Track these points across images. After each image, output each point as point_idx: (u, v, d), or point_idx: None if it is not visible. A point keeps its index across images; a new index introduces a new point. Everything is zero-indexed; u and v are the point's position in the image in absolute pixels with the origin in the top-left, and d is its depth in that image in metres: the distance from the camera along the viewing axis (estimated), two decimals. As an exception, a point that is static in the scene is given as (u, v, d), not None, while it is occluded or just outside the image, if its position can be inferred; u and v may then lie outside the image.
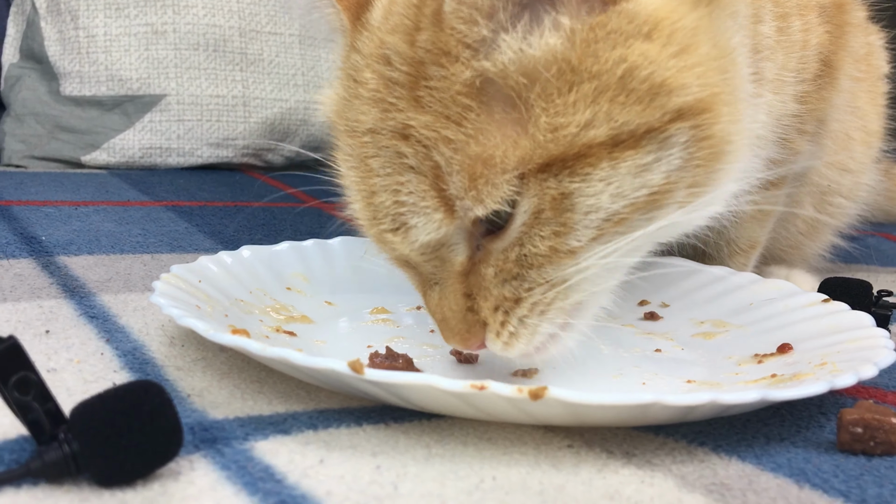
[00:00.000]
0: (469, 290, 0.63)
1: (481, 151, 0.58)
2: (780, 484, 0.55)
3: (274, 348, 0.59)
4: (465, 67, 0.58)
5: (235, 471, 0.52)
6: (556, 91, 0.57)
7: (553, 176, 0.58)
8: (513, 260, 0.61)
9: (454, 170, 0.58)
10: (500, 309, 0.62)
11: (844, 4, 0.90)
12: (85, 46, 1.73)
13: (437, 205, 0.59)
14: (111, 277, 0.91)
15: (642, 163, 0.58)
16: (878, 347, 0.67)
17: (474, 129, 0.58)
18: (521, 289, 0.61)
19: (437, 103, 0.58)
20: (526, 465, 0.55)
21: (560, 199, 0.58)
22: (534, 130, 0.57)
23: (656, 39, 0.58)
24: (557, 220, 0.59)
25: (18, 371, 0.48)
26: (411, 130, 0.59)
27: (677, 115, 0.58)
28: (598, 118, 0.57)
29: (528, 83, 0.57)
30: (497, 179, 0.57)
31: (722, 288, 0.86)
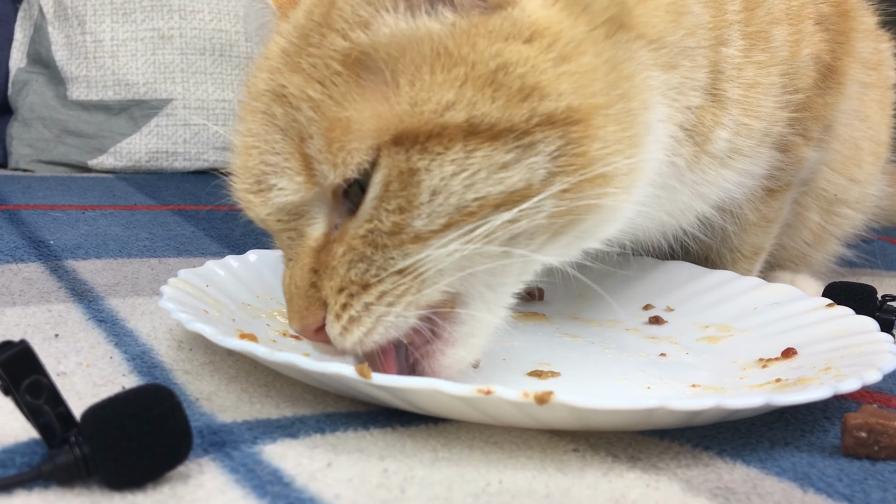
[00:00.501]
0: (317, 266, 0.62)
1: (341, 114, 0.59)
2: (785, 488, 0.55)
3: (281, 353, 0.59)
4: (341, 38, 0.60)
5: (244, 474, 0.52)
6: (426, 69, 0.59)
7: (405, 150, 0.58)
8: (360, 237, 0.60)
9: (314, 130, 0.59)
10: (345, 291, 0.60)
11: (849, 11, 0.91)
12: (92, 51, 1.74)
13: (300, 168, 0.60)
14: (119, 281, 0.92)
15: (499, 160, 0.58)
16: (883, 352, 0.67)
17: (339, 94, 0.59)
18: (369, 274, 0.60)
19: (311, 67, 0.61)
20: (532, 468, 0.56)
21: (408, 174, 0.58)
22: (395, 101, 0.59)
23: (535, 44, 0.59)
24: (403, 195, 0.58)
25: (30, 375, 0.49)
26: (285, 91, 0.61)
27: (546, 121, 0.59)
28: (459, 102, 0.58)
29: (398, 57, 0.59)
30: (352, 145, 0.58)
31: (727, 292, 0.87)
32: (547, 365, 0.72)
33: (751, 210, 0.91)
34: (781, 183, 0.91)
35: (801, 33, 0.84)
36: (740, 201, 0.88)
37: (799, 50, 0.83)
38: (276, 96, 0.62)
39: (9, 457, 0.52)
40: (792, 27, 0.83)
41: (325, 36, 0.61)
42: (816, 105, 0.89)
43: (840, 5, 0.89)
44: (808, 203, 1.04)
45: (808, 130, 0.89)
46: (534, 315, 0.88)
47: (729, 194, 0.84)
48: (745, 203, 0.90)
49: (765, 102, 0.80)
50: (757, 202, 0.91)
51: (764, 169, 0.86)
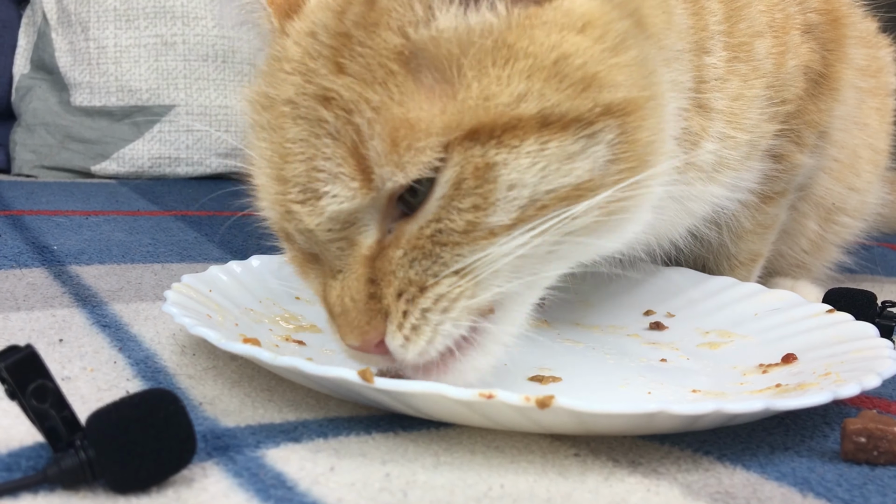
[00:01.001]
0: (374, 275, 0.60)
1: (405, 114, 0.57)
2: (784, 493, 0.55)
3: (284, 357, 0.60)
4: (396, 36, 0.59)
5: (247, 478, 0.53)
6: (492, 62, 0.58)
7: (480, 144, 0.57)
8: (427, 236, 0.59)
9: (375, 133, 0.57)
10: (404, 296, 0.59)
11: (840, 19, 0.90)
12: (95, 57, 1.74)
13: (355, 172, 0.58)
14: (122, 287, 0.92)
15: (570, 150, 0.59)
16: (882, 357, 0.67)
17: (399, 94, 0.57)
18: (429, 273, 0.59)
19: (362, 68, 0.58)
20: (533, 473, 0.56)
21: (484, 170, 0.57)
22: (464, 96, 0.58)
23: (589, 34, 0.60)
24: (479, 192, 0.57)
25: (36, 379, 0.49)
26: (332, 94, 0.59)
27: (606, 111, 0.59)
28: (531, 93, 0.58)
29: (461, 52, 0.58)
30: (421, 143, 0.57)
31: (727, 298, 0.87)
32: (548, 370, 0.73)
33: (746, 217, 0.91)
34: (776, 190, 0.92)
35: (785, 45, 0.84)
36: (733, 211, 0.88)
37: (784, 62, 0.84)
38: (321, 100, 0.59)
39: (14, 460, 0.52)
40: (776, 39, 0.83)
41: (373, 35, 0.59)
42: (809, 112, 0.89)
43: (830, 13, 0.89)
44: (806, 211, 1.04)
45: (801, 137, 0.90)
46: (535, 320, 0.88)
47: (718, 209, 0.85)
48: (740, 211, 0.90)
49: (749, 114, 0.81)
50: (752, 209, 0.91)
51: (755, 180, 0.87)
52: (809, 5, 0.87)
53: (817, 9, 0.88)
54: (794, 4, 0.85)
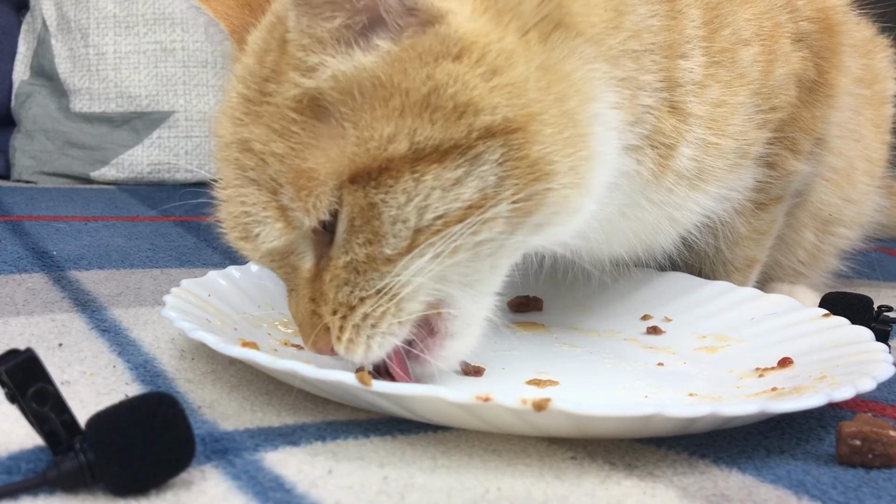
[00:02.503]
0: (314, 294, 0.65)
1: (303, 164, 0.61)
2: (780, 495, 0.56)
3: (283, 361, 0.60)
4: (293, 85, 0.62)
5: (246, 481, 0.53)
6: (366, 106, 0.61)
7: (361, 187, 0.61)
8: (341, 266, 0.63)
9: (284, 181, 0.62)
10: (338, 314, 0.64)
11: (835, 27, 0.90)
12: (95, 64, 1.75)
13: (277, 215, 0.63)
14: (122, 292, 0.93)
15: (452, 176, 0.61)
16: (877, 361, 0.68)
17: (298, 144, 0.62)
18: (354, 296, 0.63)
19: (270, 118, 0.63)
20: (530, 476, 0.56)
21: (368, 209, 0.61)
22: (344, 144, 0.61)
23: (465, 60, 0.61)
24: (368, 229, 0.62)
25: (36, 383, 0.50)
26: (251, 144, 0.63)
27: (486, 133, 0.60)
28: (400, 133, 0.60)
29: (342, 99, 0.61)
30: (317, 191, 0.61)
31: (724, 303, 0.87)
32: (545, 374, 0.73)
33: (742, 223, 0.92)
34: (772, 196, 0.92)
35: (774, 53, 0.83)
36: (726, 218, 0.89)
37: (772, 70, 0.83)
38: (243, 149, 0.64)
39: (14, 463, 0.52)
40: (764, 47, 0.82)
41: (279, 84, 0.63)
42: (804, 119, 0.89)
43: (824, 21, 0.88)
44: (804, 222, 1.04)
45: (796, 144, 0.90)
46: (533, 325, 0.88)
47: (708, 216, 0.85)
48: (735, 217, 0.90)
49: (734, 121, 0.81)
50: (747, 216, 0.91)
51: (748, 187, 0.87)
52: (802, 14, 0.87)
53: (810, 17, 0.87)
54: (783, 13, 0.85)
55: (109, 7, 1.76)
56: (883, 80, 1.12)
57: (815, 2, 0.88)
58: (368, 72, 0.61)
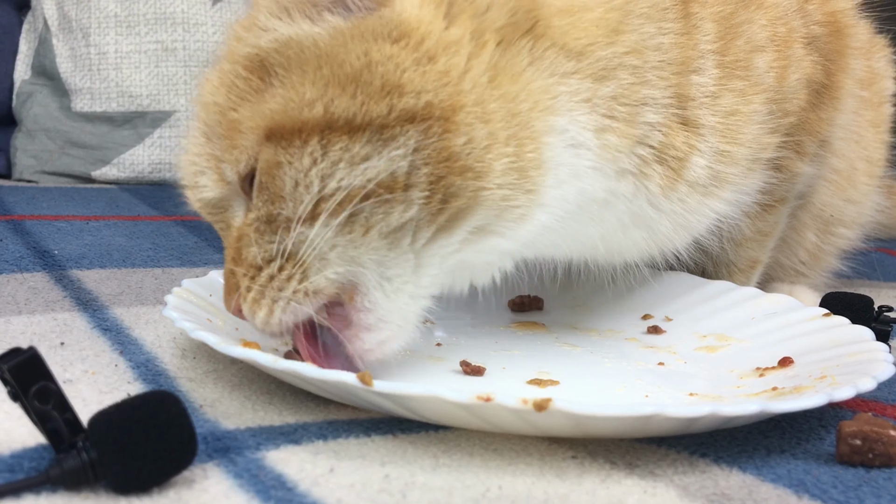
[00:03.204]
0: (234, 254, 0.67)
1: (233, 117, 0.65)
2: (780, 494, 0.56)
3: (284, 361, 0.60)
4: (252, 40, 0.66)
5: (248, 479, 0.53)
6: (298, 70, 0.63)
7: (273, 145, 0.63)
8: (248, 224, 0.65)
9: (218, 132, 0.66)
10: (247, 275, 0.65)
11: (843, 29, 0.90)
12: (96, 63, 1.75)
13: (213, 166, 0.67)
14: (123, 291, 0.93)
15: (359, 152, 0.61)
16: (878, 361, 0.68)
17: (236, 97, 0.66)
18: (259, 257, 0.65)
19: (223, 72, 0.68)
20: (531, 475, 0.57)
21: (275, 167, 0.63)
22: (269, 100, 0.64)
23: (402, 43, 0.62)
24: (272, 188, 0.63)
25: (38, 381, 0.50)
26: (205, 95, 0.68)
27: (405, 116, 0.61)
28: (319, 99, 0.62)
29: (281, 61, 0.64)
30: (240, 143, 0.64)
31: (725, 302, 0.88)
32: (546, 374, 0.73)
33: (746, 225, 0.92)
34: (777, 198, 0.92)
35: (788, 59, 0.83)
36: (735, 221, 0.89)
37: (786, 76, 0.84)
38: (202, 102, 0.68)
39: (17, 461, 0.53)
40: (778, 53, 0.83)
41: (243, 39, 0.67)
42: (811, 121, 0.89)
43: (833, 24, 0.89)
44: (806, 223, 1.04)
45: (802, 146, 0.90)
46: (533, 325, 0.89)
47: (721, 220, 0.85)
48: (741, 219, 0.91)
49: (747, 129, 0.80)
50: (752, 217, 0.92)
51: (757, 190, 0.87)
52: (813, 18, 0.87)
53: (820, 21, 0.88)
54: (797, 18, 0.85)
55: (111, 6, 1.76)
56: (881, 79, 1.13)
57: (826, 5, 0.88)
58: (311, 39, 0.64)
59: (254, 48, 0.66)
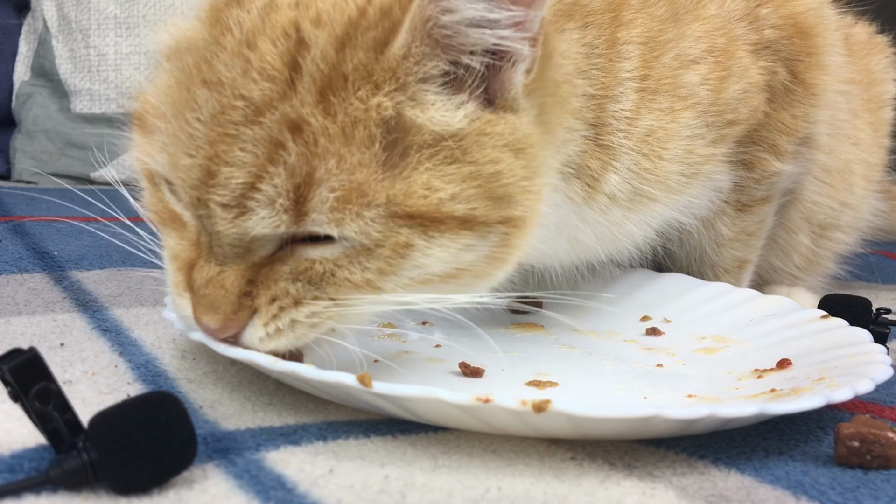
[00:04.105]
0: (255, 277, 0.62)
1: (364, 179, 0.60)
2: (778, 496, 0.56)
3: (284, 362, 0.60)
4: (389, 105, 0.61)
5: (248, 480, 0.53)
6: (444, 159, 0.62)
7: (408, 226, 0.61)
8: (320, 270, 0.62)
9: (330, 185, 0.59)
10: (277, 302, 0.62)
11: (808, 29, 0.89)
12: (95, 65, 1.75)
13: (290, 206, 0.59)
14: (123, 292, 0.93)
15: (468, 243, 0.63)
16: (876, 363, 0.68)
17: (368, 159, 0.60)
18: (309, 295, 0.62)
19: (346, 118, 0.60)
20: (530, 476, 0.57)
21: (403, 247, 0.61)
22: (412, 180, 0.61)
23: (522, 159, 0.65)
24: (388, 261, 0.62)
25: (39, 382, 0.50)
26: (306, 126, 0.59)
27: (504, 220, 0.64)
28: (462, 196, 0.62)
29: (428, 141, 0.62)
30: (364, 212, 0.60)
31: (723, 304, 0.88)
32: (545, 375, 0.73)
33: (725, 226, 0.92)
34: (756, 198, 0.92)
35: (728, 70, 0.83)
36: (701, 224, 0.90)
37: (725, 87, 0.83)
38: (291, 125, 0.59)
39: (17, 462, 0.53)
40: (716, 65, 0.83)
41: (370, 93, 0.60)
42: (783, 120, 0.89)
43: (793, 27, 0.88)
44: (797, 225, 1.04)
45: (777, 146, 0.90)
46: (532, 326, 0.89)
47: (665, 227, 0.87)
48: (716, 220, 0.91)
49: (672, 145, 0.82)
50: (730, 218, 0.92)
51: (715, 196, 0.88)
52: (767, 22, 0.87)
53: (776, 24, 0.87)
54: (741, 26, 0.85)
55: (110, 8, 1.76)
56: (881, 82, 1.12)
57: (783, 9, 0.88)
58: (456, 128, 0.63)
59: (398, 115, 0.61)
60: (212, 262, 0.62)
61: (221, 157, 0.59)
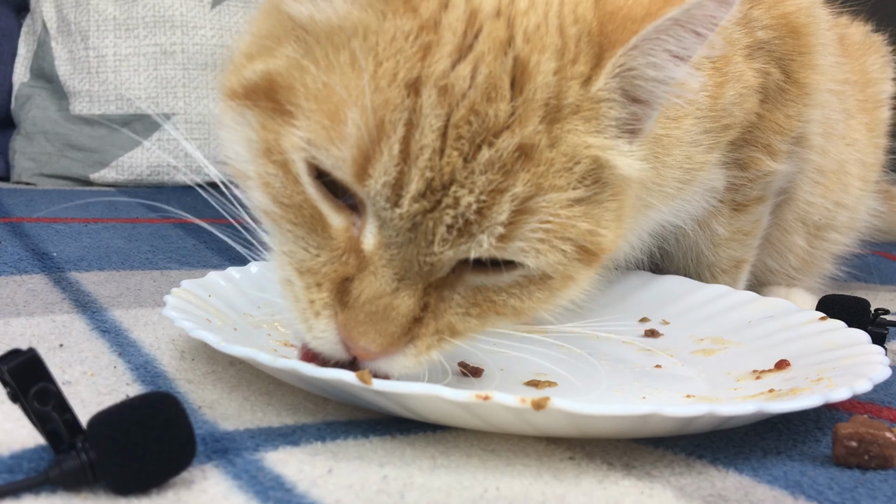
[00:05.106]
0: (427, 303, 0.60)
1: (570, 217, 0.59)
2: (776, 496, 0.56)
3: (284, 360, 0.60)
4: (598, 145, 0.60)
5: (247, 480, 0.53)
6: (612, 198, 0.62)
7: (580, 261, 0.61)
8: (491, 299, 0.61)
9: (542, 218, 0.57)
10: (438, 335, 0.61)
11: (799, 28, 0.89)
12: (95, 66, 1.75)
13: (504, 234, 0.57)
14: (122, 293, 0.93)
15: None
16: (874, 363, 0.68)
17: (577, 196, 0.60)
18: (468, 327, 0.62)
19: (567, 153, 0.59)
20: (529, 475, 0.57)
21: (568, 279, 0.63)
22: (594, 219, 0.61)
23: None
24: (553, 292, 0.63)
25: (38, 382, 0.50)
26: (537, 156, 0.57)
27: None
28: (615, 235, 0.63)
29: (615, 183, 0.62)
30: (560, 245, 0.59)
31: (722, 305, 0.88)
32: (544, 375, 0.73)
33: (720, 226, 0.92)
34: (751, 197, 0.92)
35: (725, 76, 0.83)
36: (695, 225, 0.90)
37: (722, 93, 0.83)
38: (522, 151, 0.57)
39: (17, 462, 0.53)
40: (715, 71, 0.83)
41: (582, 128, 0.59)
42: (777, 120, 0.89)
43: (785, 27, 0.88)
44: (792, 226, 1.03)
45: (770, 145, 0.90)
46: (531, 327, 0.89)
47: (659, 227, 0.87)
48: (711, 220, 0.91)
49: (675, 152, 0.82)
50: (725, 218, 0.92)
51: (709, 197, 0.89)
52: (759, 23, 0.87)
53: (768, 25, 0.87)
54: (737, 29, 0.85)
55: (109, 9, 1.76)
56: (877, 82, 1.12)
57: (775, 9, 0.88)
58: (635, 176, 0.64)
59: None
60: (387, 276, 0.58)
61: (452, 175, 0.56)
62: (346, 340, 0.59)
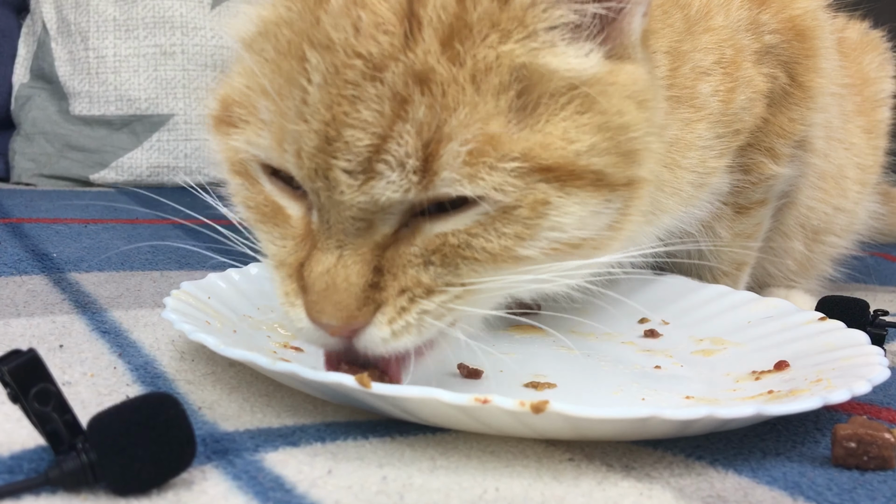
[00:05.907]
0: (380, 264, 0.58)
1: (497, 130, 0.56)
2: (776, 497, 0.56)
3: (283, 363, 0.61)
4: (521, 52, 0.57)
5: (246, 481, 0.53)
6: (578, 109, 0.59)
7: (545, 181, 0.57)
8: (452, 244, 0.58)
9: (461, 138, 0.55)
10: (406, 294, 0.58)
11: (806, 32, 0.89)
12: (94, 67, 1.75)
13: (419, 167, 0.55)
14: (122, 294, 0.93)
15: (597, 208, 0.60)
16: (872, 364, 0.68)
17: (499, 108, 0.56)
18: (441, 280, 0.59)
19: (477, 68, 0.56)
20: (528, 477, 0.57)
21: (540, 205, 0.58)
22: (548, 131, 0.58)
23: (644, 111, 0.62)
24: (525, 223, 0.58)
25: (38, 383, 0.50)
26: (434, 78, 0.55)
27: (629, 182, 0.61)
28: (597, 149, 0.59)
29: (564, 90, 0.59)
30: (499, 164, 0.56)
31: (721, 306, 0.88)
32: (543, 377, 0.73)
33: (723, 228, 0.92)
34: (754, 200, 0.92)
35: (736, 81, 0.83)
36: (702, 225, 0.90)
37: (733, 98, 0.83)
38: (416, 77, 0.55)
39: (17, 463, 0.53)
40: (726, 76, 0.82)
41: (500, 41, 0.57)
42: (781, 124, 0.89)
43: (792, 30, 0.88)
44: (791, 230, 1.03)
45: (774, 149, 0.90)
46: (530, 328, 0.89)
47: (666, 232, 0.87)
48: (715, 223, 0.91)
49: (691, 155, 0.81)
50: (728, 221, 0.92)
51: (714, 201, 0.88)
52: (768, 28, 0.87)
53: (776, 29, 0.87)
54: (746, 34, 0.85)
55: (109, 10, 1.76)
56: (875, 81, 1.12)
57: (782, 13, 0.88)
58: (589, 76, 0.59)
59: (528, 60, 0.58)
60: (329, 247, 0.58)
61: (342, 120, 0.55)
62: (314, 323, 0.59)
